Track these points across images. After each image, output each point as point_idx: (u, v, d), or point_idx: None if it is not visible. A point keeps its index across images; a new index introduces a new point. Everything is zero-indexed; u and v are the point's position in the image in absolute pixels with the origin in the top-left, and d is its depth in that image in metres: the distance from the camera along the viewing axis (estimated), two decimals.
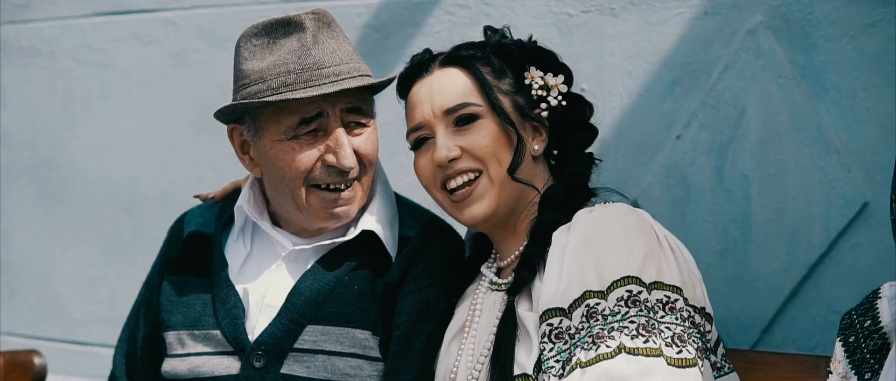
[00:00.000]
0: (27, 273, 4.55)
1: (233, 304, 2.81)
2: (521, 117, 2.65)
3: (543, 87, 2.68)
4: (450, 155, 2.62)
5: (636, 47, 3.26)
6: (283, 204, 2.82)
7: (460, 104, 2.64)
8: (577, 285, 2.41)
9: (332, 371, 2.71)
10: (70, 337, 4.42)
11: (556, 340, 2.41)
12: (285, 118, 2.71)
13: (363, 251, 2.81)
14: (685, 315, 2.41)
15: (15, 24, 4.51)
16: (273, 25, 2.73)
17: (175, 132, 4.16)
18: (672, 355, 2.34)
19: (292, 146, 2.72)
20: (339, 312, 2.75)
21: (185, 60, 4.12)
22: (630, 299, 2.37)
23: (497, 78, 2.66)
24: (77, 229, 4.42)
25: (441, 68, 2.70)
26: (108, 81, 4.30)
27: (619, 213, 2.51)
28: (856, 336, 2.31)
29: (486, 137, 2.62)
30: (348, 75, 2.70)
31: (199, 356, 2.81)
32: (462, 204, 2.64)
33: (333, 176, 2.73)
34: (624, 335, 2.34)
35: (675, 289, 2.42)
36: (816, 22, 3.01)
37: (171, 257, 3.00)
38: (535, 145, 2.67)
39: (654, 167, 3.24)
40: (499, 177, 2.62)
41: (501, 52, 2.70)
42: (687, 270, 2.49)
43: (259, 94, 2.69)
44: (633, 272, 2.39)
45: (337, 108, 2.71)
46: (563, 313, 2.41)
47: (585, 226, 2.48)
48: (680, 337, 2.37)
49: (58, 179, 4.46)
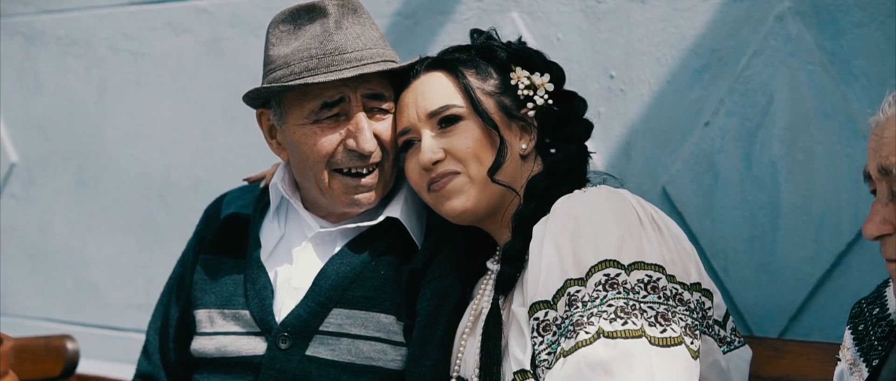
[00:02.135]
0: (63, 260, 4.61)
1: (262, 285, 2.84)
2: (506, 118, 2.68)
3: (530, 86, 2.70)
4: (433, 157, 2.65)
5: (664, 34, 3.25)
6: (309, 188, 2.86)
7: (443, 106, 2.67)
8: (557, 274, 2.42)
9: (357, 355, 2.74)
10: (105, 323, 4.48)
11: (545, 332, 2.42)
12: (308, 102, 2.74)
13: (391, 237, 2.83)
14: (669, 293, 2.40)
15: (52, 13, 4.57)
16: (299, 11, 2.77)
17: (209, 120, 4.20)
18: (655, 334, 2.33)
19: (314, 130, 2.75)
20: (365, 296, 2.77)
21: (218, 49, 4.16)
22: (608, 283, 2.37)
23: (481, 79, 2.70)
24: (112, 216, 4.47)
25: (426, 73, 2.74)
26: (143, 70, 4.35)
27: (597, 196, 2.51)
28: (865, 324, 2.32)
29: (468, 139, 2.64)
30: (370, 61, 2.72)
31: (227, 335, 2.85)
32: (440, 195, 2.67)
33: (354, 161, 2.76)
34: (602, 320, 2.34)
35: (656, 267, 2.41)
36: (845, 7, 2.98)
37: (206, 235, 3.04)
38: (523, 144, 2.69)
39: (682, 154, 3.23)
40: (479, 177, 2.64)
41: (486, 54, 2.73)
42: (675, 247, 2.48)
43: (283, 78, 2.73)
44: (610, 256, 2.39)
45: (358, 93, 2.74)
46: (549, 305, 2.42)
47: (562, 215, 2.48)
48: (664, 316, 2.36)
49: (93, 167, 4.51)
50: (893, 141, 2.06)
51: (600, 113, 3.30)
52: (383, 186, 2.83)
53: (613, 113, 3.32)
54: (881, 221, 2.10)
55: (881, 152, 2.08)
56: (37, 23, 4.61)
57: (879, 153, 2.09)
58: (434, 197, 2.69)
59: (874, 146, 2.11)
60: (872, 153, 2.12)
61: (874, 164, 2.11)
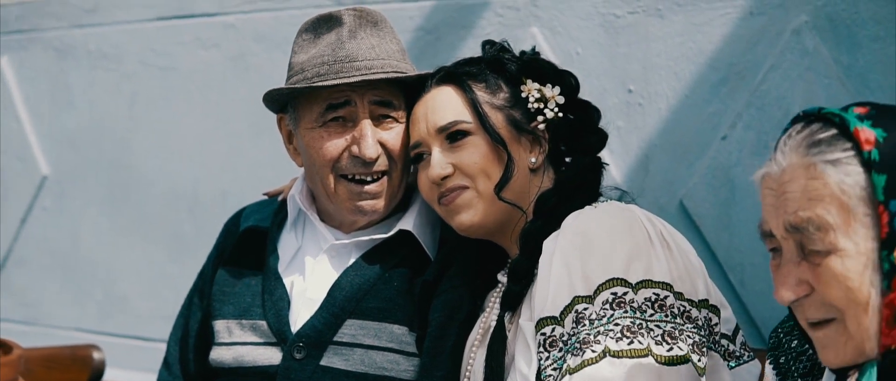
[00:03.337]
0: (94, 271, 4.67)
1: (279, 296, 2.88)
2: (516, 132, 2.68)
3: (540, 99, 2.70)
4: (442, 173, 2.66)
5: (682, 48, 3.27)
6: (319, 194, 2.91)
7: (451, 122, 2.68)
8: (566, 291, 2.42)
9: (370, 365, 2.76)
10: (134, 333, 4.53)
11: (551, 348, 2.42)
12: (316, 106, 2.81)
13: (404, 249, 2.86)
14: (676, 311, 2.40)
15: (83, 28, 4.64)
16: (319, 21, 2.86)
17: (235, 134, 4.25)
18: (662, 352, 2.34)
19: (321, 134, 2.81)
20: (378, 307, 2.80)
21: (244, 63, 4.21)
22: (615, 302, 2.37)
23: (491, 93, 2.70)
24: (141, 228, 4.52)
25: (437, 87, 2.75)
26: (172, 84, 4.41)
27: (606, 214, 2.51)
28: (786, 357, 2.22)
29: (476, 154, 2.65)
30: (380, 70, 2.76)
31: (244, 345, 2.88)
32: (449, 209, 2.69)
33: (358, 167, 2.80)
34: (609, 339, 2.34)
35: (664, 286, 2.41)
36: (862, 21, 2.99)
37: (225, 248, 3.08)
38: (532, 158, 2.69)
39: (699, 168, 3.24)
40: (488, 192, 2.65)
41: (497, 67, 2.73)
42: (683, 263, 2.48)
43: (297, 83, 2.79)
44: (617, 274, 2.39)
45: (365, 99, 2.79)
46: (556, 321, 2.42)
47: (572, 231, 2.49)
48: (670, 334, 2.37)
49: (124, 180, 4.57)
50: (799, 195, 1.90)
51: (619, 127, 3.32)
52: (390, 196, 2.86)
53: (631, 127, 3.34)
54: (796, 283, 1.93)
55: (788, 208, 1.91)
56: (68, 37, 4.68)
57: (785, 209, 1.91)
58: (444, 210, 2.71)
59: (774, 202, 1.94)
60: (773, 209, 1.95)
61: (778, 221, 1.93)
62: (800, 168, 1.90)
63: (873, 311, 1.87)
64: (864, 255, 1.87)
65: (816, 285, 1.91)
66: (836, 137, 1.90)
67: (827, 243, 1.87)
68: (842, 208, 1.86)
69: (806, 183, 1.89)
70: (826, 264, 1.88)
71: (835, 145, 1.89)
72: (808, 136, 1.92)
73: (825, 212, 1.87)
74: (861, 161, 1.87)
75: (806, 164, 1.90)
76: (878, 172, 1.86)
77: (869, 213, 1.86)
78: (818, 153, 1.89)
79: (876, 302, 1.87)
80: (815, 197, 1.88)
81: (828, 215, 1.87)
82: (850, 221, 1.87)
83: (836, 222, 1.87)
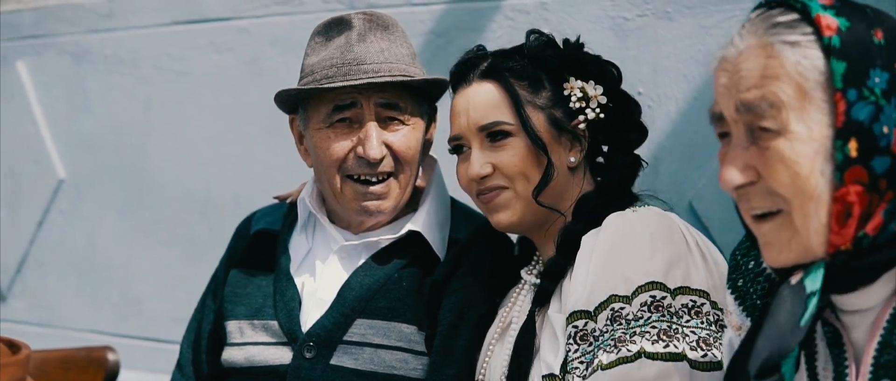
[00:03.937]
0: (109, 274, 4.71)
1: (291, 296, 2.91)
2: (556, 131, 2.64)
3: (583, 98, 2.66)
4: (481, 172, 2.65)
5: (691, 51, 3.28)
6: (328, 195, 2.95)
7: (492, 122, 2.64)
8: (603, 288, 2.42)
9: (379, 364, 2.79)
10: (150, 335, 4.56)
11: (581, 341, 2.44)
12: (324, 106, 2.85)
13: (414, 250, 2.89)
14: (711, 319, 2.41)
15: (99, 32, 4.68)
16: (330, 24, 2.90)
17: (249, 138, 4.28)
18: (697, 358, 2.35)
19: (328, 135, 2.85)
20: (387, 307, 2.83)
21: (258, 68, 4.24)
22: (653, 305, 2.39)
23: (533, 92, 2.65)
24: (157, 231, 4.56)
25: (479, 81, 2.70)
26: (187, 88, 4.44)
27: (648, 218, 2.51)
28: (744, 279, 2.13)
29: (515, 156, 2.63)
30: (387, 73, 2.79)
31: (255, 345, 2.91)
32: (488, 207, 2.69)
33: (363, 167, 2.83)
34: (645, 340, 2.36)
35: (701, 293, 2.42)
36: None
37: (237, 252, 3.11)
38: (571, 157, 2.66)
39: (708, 170, 3.25)
40: (526, 194, 2.63)
41: (539, 63, 2.67)
42: (718, 274, 2.48)
43: (306, 85, 2.84)
44: (657, 278, 2.40)
45: (371, 101, 2.82)
46: (589, 316, 2.43)
47: (614, 230, 2.49)
48: (705, 341, 2.38)
49: (139, 184, 4.61)
50: (755, 73, 1.81)
51: None
52: (397, 198, 2.89)
53: None
54: (743, 167, 1.83)
55: (740, 86, 1.82)
56: (84, 42, 4.72)
57: (738, 88, 1.82)
58: (483, 207, 2.72)
59: (727, 82, 1.85)
60: (725, 90, 1.85)
61: (730, 102, 1.84)
62: (757, 48, 1.83)
63: (821, 203, 1.79)
64: (817, 141, 1.79)
65: (763, 170, 1.82)
66: (797, 21, 1.83)
67: (779, 121, 1.79)
68: (798, 90, 1.80)
69: (763, 61, 1.82)
70: (774, 146, 1.80)
71: (795, 28, 1.83)
72: (767, 18, 1.86)
73: (779, 90, 1.80)
74: (821, 46, 1.80)
75: (763, 43, 1.83)
76: (838, 58, 1.79)
77: (825, 99, 1.79)
78: (776, 34, 1.83)
79: (825, 193, 1.78)
80: (771, 75, 1.81)
81: (782, 93, 1.80)
82: (805, 104, 1.79)
83: (790, 101, 1.79)
